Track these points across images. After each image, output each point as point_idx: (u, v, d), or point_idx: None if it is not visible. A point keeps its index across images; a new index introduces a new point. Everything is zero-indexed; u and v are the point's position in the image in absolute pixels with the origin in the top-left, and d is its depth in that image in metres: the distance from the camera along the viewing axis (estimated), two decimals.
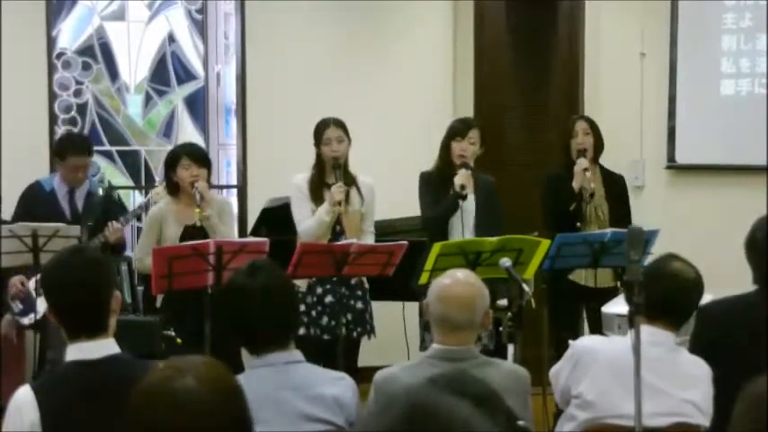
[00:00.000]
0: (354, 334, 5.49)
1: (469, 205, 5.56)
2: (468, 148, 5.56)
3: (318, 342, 5.38)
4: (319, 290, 5.46)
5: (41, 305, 5.57)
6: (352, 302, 5.47)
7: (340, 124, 5.56)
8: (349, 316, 5.43)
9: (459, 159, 5.53)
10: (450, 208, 5.46)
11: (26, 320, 5.85)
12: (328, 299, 5.46)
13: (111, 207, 6.11)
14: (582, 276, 5.72)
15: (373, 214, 5.67)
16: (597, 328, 5.29)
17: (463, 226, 5.48)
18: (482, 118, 7.39)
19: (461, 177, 5.45)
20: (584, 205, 5.74)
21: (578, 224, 5.68)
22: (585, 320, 5.77)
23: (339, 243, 5.29)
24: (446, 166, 5.56)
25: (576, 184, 5.72)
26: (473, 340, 3.31)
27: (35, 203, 5.99)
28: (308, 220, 5.47)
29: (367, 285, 5.59)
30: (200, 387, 1.80)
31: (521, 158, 7.34)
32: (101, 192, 6.13)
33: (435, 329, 3.29)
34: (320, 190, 5.52)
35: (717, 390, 3.34)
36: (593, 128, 5.90)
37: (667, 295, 3.36)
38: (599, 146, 5.91)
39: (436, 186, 5.54)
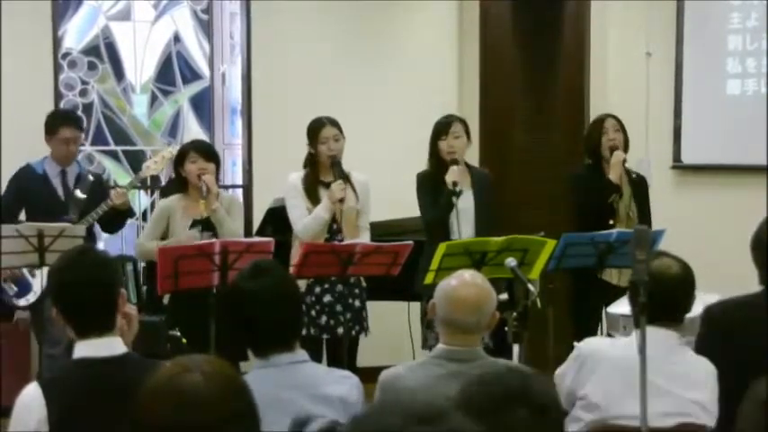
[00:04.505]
0: (353, 333, 5.51)
1: (467, 202, 5.58)
2: (454, 143, 5.59)
3: (319, 342, 5.41)
4: (318, 289, 5.48)
5: (37, 285, 5.62)
6: (350, 301, 5.48)
7: (335, 123, 5.60)
8: (348, 315, 5.45)
9: (449, 156, 5.56)
10: (446, 207, 5.48)
11: (23, 302, 5.84)
12: (327, 298, 5.48)
13: (101, 189, 6.06)
14: (615, 276, 5.70)
15: (368, 211, 5.70)
16: None
17: (461, 223, 5.49)
18: (487, 117, 7.43)
19: (452, 174, 5.48)
20: (617, 203, 5.74)
21: (611, 221, 5.66)
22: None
23: (344, 243, 5.31)
24: (438, 165, 5.59)
25: (614, 176, 5.73)
26: (479, 341, 3.31)
27: (27, 186, 6.00)
28: (306, 219, 5.50)
29: (365, 284, 5.62)
30: (207, 383, 1.82)
31: (526, 158, 7.34)
32: (90, 177, 6.09)
33: (441, 330, 3.30)
34: (316, 188, 5.56)
35: (722, 390, 3.34)
36: (622, 125, 5.92)
37: (653, 295, 3.32)
38: (626, 144, 5.94)
39: (433, 187, 5.56)
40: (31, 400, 2.70)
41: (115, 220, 5.96)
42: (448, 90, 7.42)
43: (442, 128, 5.62)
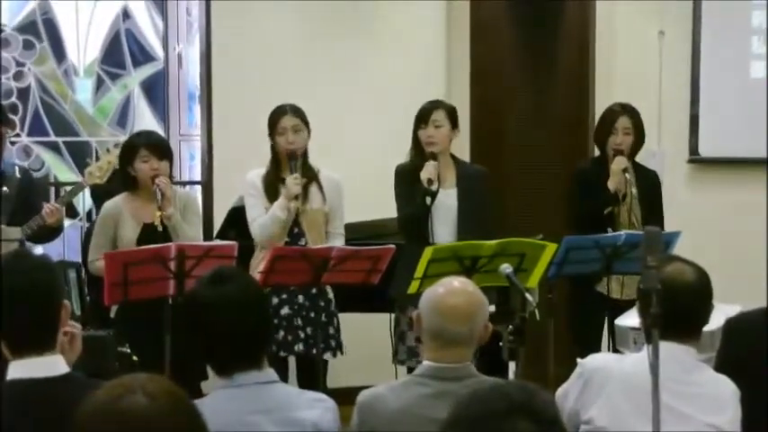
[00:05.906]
0: (314, 351, 5.43)
1: (449, 200, 5.58)
2: (434, 133, 5.59)
3: (281, 360, 5.39)
4: (274, 300, 5.46)
5: None
6: (312, 314, 5.47)
7: (297, 112, 5.59)
8: (308, 330, 5.44)
9: (427, 148, 5.57)
10: (419, 207, 5.48)
11: None
12: (284, 311, 5.47)
13: (33, 187, 5.94)
14: (613, 289, 5.73)
15: (342, 214, 5.69)
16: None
17: (436, 224, 5.50)
18: (478, 108, 7.42)
19: (426, 171, 5.48)
20: (617, 209, 5.76)
21: (609, 230, 5.68)
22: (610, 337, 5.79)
23: (318, 247, 5.30)
24: (419, 157, 5.60)
25: (611, 185, 5.75)
26: (470, 356, 3.32)
27: None
28: (262, 218, 5.49)
29: (331, 295, 5.61)
30: (151, 404, 1.82)
31: (523, 153, 7.35)
32: (18, 173, 5.95)
33: (427, 344, 3.31)
34: (276, 186, 5.55)
35: (745, 411, 3.36)
36: (636, 126, 5.93)
37: (665, 306, 3.32)
38: (638, 143, 5.95)
39: (411, 181, 5.56)
40: None
41: (44, 234, 5.84)
42: (435, 76, 7.41)
43: (421, 116, 5.63)
